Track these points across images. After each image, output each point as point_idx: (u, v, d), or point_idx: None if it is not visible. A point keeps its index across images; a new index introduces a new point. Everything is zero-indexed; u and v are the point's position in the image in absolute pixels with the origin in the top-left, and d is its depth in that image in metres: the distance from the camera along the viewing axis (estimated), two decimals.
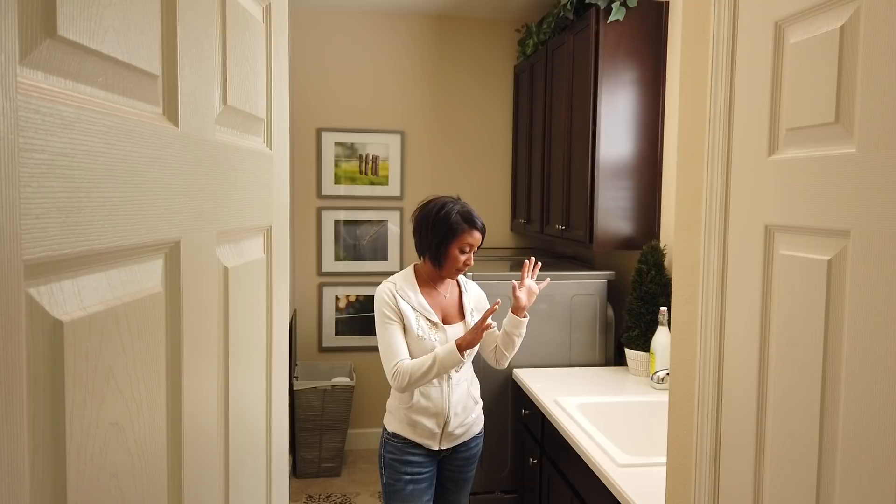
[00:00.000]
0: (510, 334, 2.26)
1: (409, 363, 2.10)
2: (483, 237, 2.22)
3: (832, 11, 0.80)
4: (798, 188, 0.84)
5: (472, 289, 2.38)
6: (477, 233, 2.19)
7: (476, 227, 2.19)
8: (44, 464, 0.50)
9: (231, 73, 0.91)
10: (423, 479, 2.22)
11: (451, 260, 2.18)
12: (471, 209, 2.23)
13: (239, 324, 0.97)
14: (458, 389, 2.21)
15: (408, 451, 2.20)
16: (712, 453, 1.04)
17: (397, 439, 2.22)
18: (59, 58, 0.51)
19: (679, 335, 1.15)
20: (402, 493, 2.20)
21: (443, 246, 2.18)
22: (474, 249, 2.20)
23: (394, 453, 2.22)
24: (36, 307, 0.49)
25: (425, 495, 2.23)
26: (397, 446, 2.21)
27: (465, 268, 2.21)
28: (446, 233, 2.17)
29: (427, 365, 2.07)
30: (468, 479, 2.35)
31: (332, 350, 4.10)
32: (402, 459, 2.20)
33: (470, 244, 2.18)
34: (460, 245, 2.17)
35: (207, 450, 0.84)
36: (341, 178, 4.03)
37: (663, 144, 2.77)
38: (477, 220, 2.21)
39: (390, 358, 2.13)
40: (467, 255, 2.19)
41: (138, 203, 0.63)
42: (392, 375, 2.12)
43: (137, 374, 0.64)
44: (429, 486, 2.24)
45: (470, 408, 2.26)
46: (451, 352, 2.07)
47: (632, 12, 2.69)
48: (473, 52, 4.07)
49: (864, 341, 0.73)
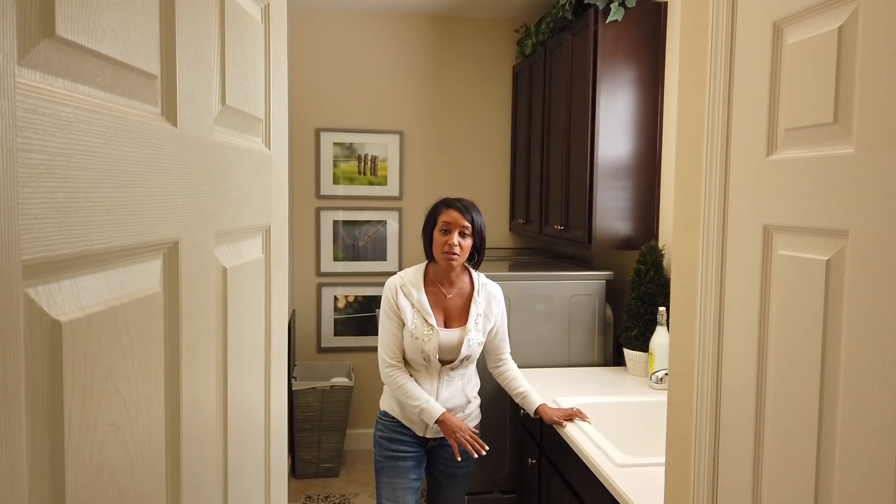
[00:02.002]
0: (516, 398, 2.37)
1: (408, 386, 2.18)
2: (469, 220, 2.17)
3: (830, 12, 0.80)
4: (796, 188, 0.84)
5: (486, 292, 2.31)
6: (454, 212, 2.16)
7: (453, 207, 2.17)
8: (42, 464, 0.50)
9: (230, 74, 0.91)
10: (408, 458, 2.26)
11: (435, 244, 2.19)
12: (462, 198, 2.23)
13: (238, 324, 0.97)
14: (451, 385, 2.24)
15: (396, 429, 2.27)
16: (711, 453, 1.04)
17: (387, 418, 2.29)
18: (58, 58, 0.51)
19: (678, 335, 1.15)
20: (387, 469, 2.25)
21: (426, 233, 2.24)
22: (458, 230, 2.15)
23: (383, 431, 2.29)
24: (34, 308, 0.49)
25: (411, 473, 2.25)
26: (387, 424, 2.28)
27: (451, 249, 2.15)
28: (428, 219, 2.24)
29: (415, 403, 2.16)
30: (462, 475, 2.35)
31: (331, 350, 4.10)
32: (389, 437, 2.27)
33: (447, 223, 2.16)
34: (440, 226, 2.18)
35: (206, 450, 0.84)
36: (340, 178, 4.03)
37: (662, 144, 2.77)
38: (458, 202, 2.19)
39: (386, 354, 2.21)
40: (449, 235, 2.15)
41: (137, 203, 0.63)
42: (385, 374, 2.21)
43: (136, 374, 0.64)
44: (415, 467, 2.27)
45: (461, 405, 2.27)
46: (434, 414, 2.15)
47: (630, 12, 2.69)
48: (472, 53, 4.08)
49: (862, 341, 0.73)
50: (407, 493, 2.23)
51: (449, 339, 2.20)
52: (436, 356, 2.18)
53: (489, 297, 2.31)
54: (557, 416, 2.17)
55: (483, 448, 2.14)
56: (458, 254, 2.16)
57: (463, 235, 2.17)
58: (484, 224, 2.24)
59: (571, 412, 2.17)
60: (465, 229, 2.17)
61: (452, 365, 2.22)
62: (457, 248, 2.15)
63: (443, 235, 2.17)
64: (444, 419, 2.14)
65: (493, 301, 2.31)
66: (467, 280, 2.30)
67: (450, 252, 2.16)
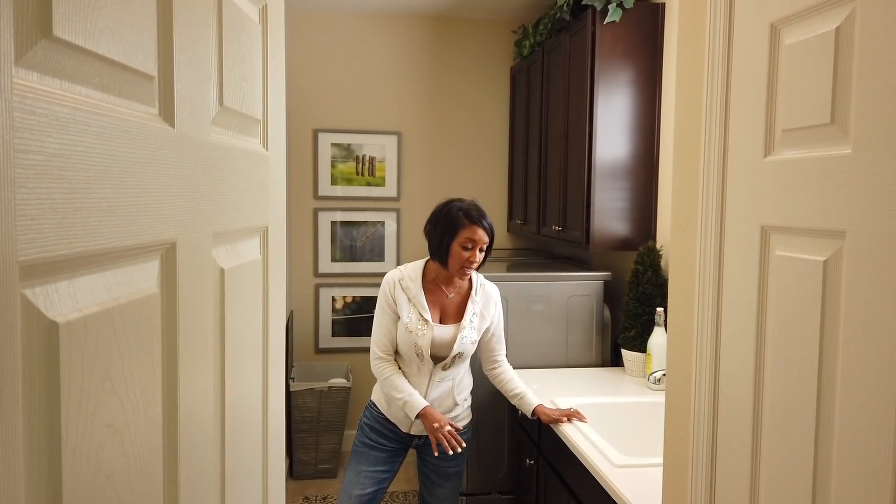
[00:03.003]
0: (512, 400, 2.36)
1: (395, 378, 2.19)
2: (490, 237, 2.17)
3: (828, 13, 0.80)
4: (794, 189, 0.84)
5: (484, 292, 2.32)
6: (480, 230, 2.14)
7: (478, 224, 2.15)
8: (39, 465, 0.50)
9: (227, 74, 0.91)
10: (383, 451, 2.27)
11: (454, 257, 2.15)
12: (479, 207, 2.20)
13: (235, 325, 0.97)
14: (440, 386, 2.25)
15: (380, 421, 2.28)
16: (709, 454, 1.04)
17: (375, 409, 2.31)
18: (55, 59, 0.51)
19: (675, 336, 1.15)
20: (359, 454, 2.27)
21: (444, 242, 2.17)
22: (479, 247, 2.16)
23: (368, 419, 2.32)
24: (31, 308, 0.49)
25: (381, 465, 2.26)
26: (374, 415, 2.31)
27: (470, 265, 2.15)
28: (447, 228, 2.16)
29: (399, 395, 2.17)
30: (453, 474, 2.34)
31: (329, 351, 4.09)
32: (372, 426, 2.29)
33: (472, 240, 2.14)
34: (462, 241, 2.14)
35: (204, 451, 0.84)
36: (338, 178, 4.02)
37: (660, 145, 2.77)
38: (480, 217, 2.17)
39: (377, 346, 2.24)
40: (470, 251, 2.14)
41: (134, 204, 0.63)
42: (374, 365, 2.24)
43: (133, 375, 0.64)
44: (387, 459, 2.27)
45: (448, 406, 2.27)
46: (416, 407, 2.14)
47: (628, 13, 2.70)
48: (470, 54, 4.08)
49: (859, 342, 0.73)
50: (369, 480, 2.23)
51: (443, 335, 2.20)
52: (428, 352, 2.18)
53: (487, 298, 2.31)
54: (555, 416, 2.17)
55: (459, 445, 2.13)
56: (475, 268, 2.21)
57: (481, 251, 2.19)
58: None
59: (569, 412, 2.17)
60: (483, 246, 2.18)
61: (444, 364, 2.22)
62: (476, 264, 2.18)
63: (465, 251, 2.15)
64: (425, 412, 2.13)
65: (490, 301, 2.32)
66: (466, 280, 2.31)
67: (468, 268, 2.17)
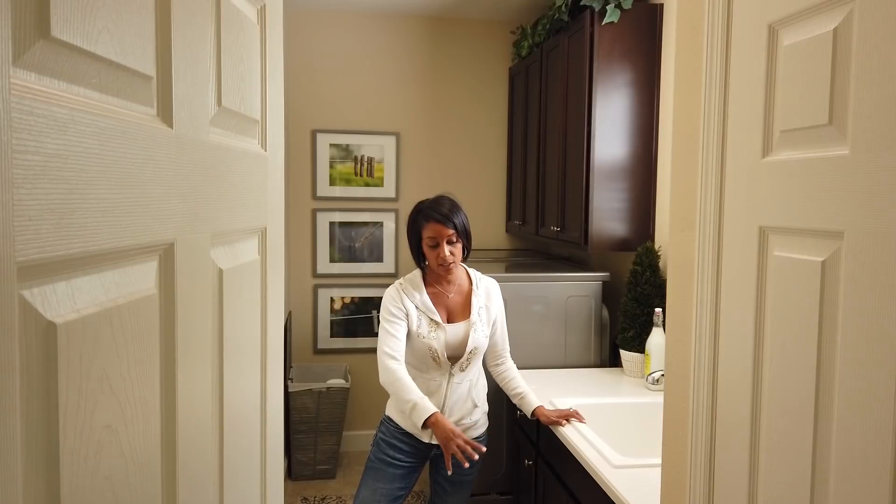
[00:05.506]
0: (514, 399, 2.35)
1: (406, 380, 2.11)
2: (455, 226, 2.14)
3: (825, 14, 0.80)
4: (792, 190, 0.84)
5: (484, 286, 2.33)
6: (436, 225, 2.13)
7: (433, 220, 2.13)
8: (37, 466, 0.50)
9: (225, 75, 0.91)
10: (400, 467, 2.23)
11: (428, 256, 2.19)
12: (439, 201, 2.18)
13: (233, 326, 0.97)
14: (458, 389, 2.23)
15: (398, 436, 2.24)
16: (707, 454, 1.05)
17: (391, 423, 2.26)
18: (53, 59, 0.51)
19: (674, 336, 1.15)
20: (375, 470, 2.22)
21: (415, 246, 2.24)
22: (445, 240, 2.13)
23: (385, 434, 2.27)
24: (29, 309, 0.48)
25: (398, 482, 2.22)
26: (390, 429, 2.26)
27: (445, 261, 2.14)
28: (412, 233, 2.24)
29: (407, 398, 2.08)
30: (465, 482, 2.34)
31: (327, 352, 4.09)
32: (390, 442, 2.24)
33: (433, 238, 2.14)
34: (426, 241, 2.17)
35: (202, 452, 0.84)
36: (336, 179, 4.02)
37: (658, 146, 2.78)
38: (435, 211, 2.14)
39: (387, 346, 2.15)
40: (438, 248, 2.14)
41: (132, 205, 0.63)
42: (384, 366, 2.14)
43: (131, 376, 0.64)
44: (404, 476, 2.23)
45: (467, 410, 2.26)
46: (425, 412, 2.05)
47: (626, 14, 2.70)
48: (468, 54, 4.08)
49: (857, 342, 0.73)
50: (385, 498, 2.20)
51: (455, 334, 2.21)
52: (444, 354, 2.18)
53: (487, 291, 2.34)
54: (554, 417, 2.17)
55: (480, 449, 2.09)
56: (453, 261, 2.18)
57: (451, 242, 2.16)
58: (466, 219, 2.20)
59: (568, 413, 2.17)
60: (451, 237, 2.15)
61: (461, 363, 2.22)
62: (450, 257, 2.16)
63: (432, 250, 2.16)
64: (436, 420, 2.05)
65: (491, 294, 2.34)
66: (464, 277, 2.33)
67: (444, 264, 2.17)
